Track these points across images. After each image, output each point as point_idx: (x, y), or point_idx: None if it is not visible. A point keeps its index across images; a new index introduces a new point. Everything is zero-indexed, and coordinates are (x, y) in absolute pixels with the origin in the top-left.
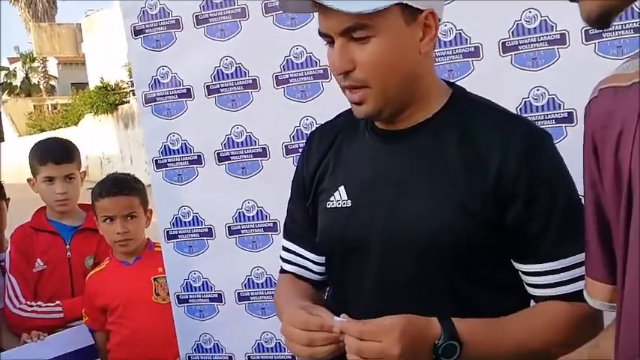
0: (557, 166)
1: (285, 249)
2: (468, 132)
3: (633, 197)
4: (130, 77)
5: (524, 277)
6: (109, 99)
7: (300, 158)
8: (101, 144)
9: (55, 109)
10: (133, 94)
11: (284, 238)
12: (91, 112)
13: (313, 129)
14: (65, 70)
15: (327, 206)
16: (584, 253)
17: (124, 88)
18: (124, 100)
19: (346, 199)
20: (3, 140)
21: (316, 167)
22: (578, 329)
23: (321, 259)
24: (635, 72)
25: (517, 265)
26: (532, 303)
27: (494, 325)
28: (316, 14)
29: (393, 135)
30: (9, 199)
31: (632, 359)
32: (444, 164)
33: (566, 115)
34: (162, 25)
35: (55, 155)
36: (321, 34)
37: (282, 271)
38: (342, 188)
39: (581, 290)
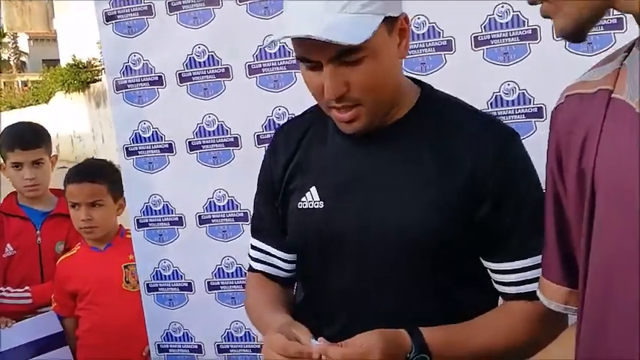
0: (526, 164)
1: (253, 247)
2: (439, 132)
3: (596, 203)
4: (102, 55)
5: (492, 275)
6: (81, 77)
7: (267, 155)
8: (72, 122)
9: (26, 86)
10: (105, 72)
11: (252, 236)
12: (62, 90)
13: (283, 121)
14: (36, 46)
15: (299, 206)
16: None
17: (96, 66)
18: (96, 78)
19: (318, 199)
20: None
21: (285, 166)
22: (543, 327)
23: (291, 256)
24: (601, 79)
25: (486, 263)
26: (500, 301)
27: (461, 332)
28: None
29: (365, 136)
30: None
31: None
32: (416, 164)
33: (535, 110)
34: (134, 12)
35: (23, 141)
36: (302, 59)
37: (251, 269)
38: (313, 189)
39: None
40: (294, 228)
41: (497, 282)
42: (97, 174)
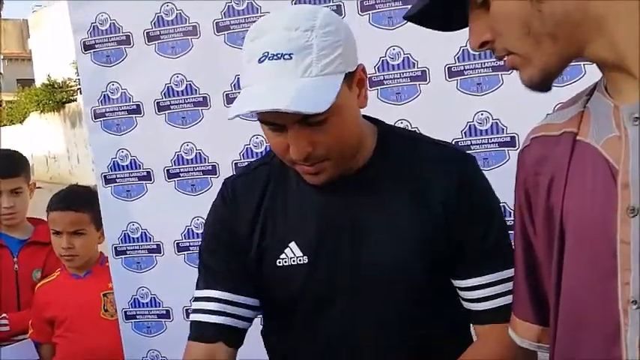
0: (486, 185)
1: (207, 299)
2: (403, 169)
3: (565, 241)
4: (77, 75)
5: (462, 294)
6: (56, 97)
7: (223, 211)
8: (47, 142)
9: (0, 105)
10: (80, 92)
11: (204, 288)
12: (37, 110)
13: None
14: (11, 65)
15: (278, 264)
16: None
17: (71, 86)
18: (71, 98)
19: (301, 255)
20: None
21: (251, 226)
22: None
23: (252, 301)
24: (565, 122)
25: (456, 282)
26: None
27: None
28: None
29: (334, 185)
30: None
31: None
32: (388, 205)
33: (508, 139)
34: (112, 41)
35: (1, 169)
36: (265, 122)
37: (197, 327)
38: (293, 244)
39: None
40: (277, 285)
41: (467, 299)
42: (81, 203)
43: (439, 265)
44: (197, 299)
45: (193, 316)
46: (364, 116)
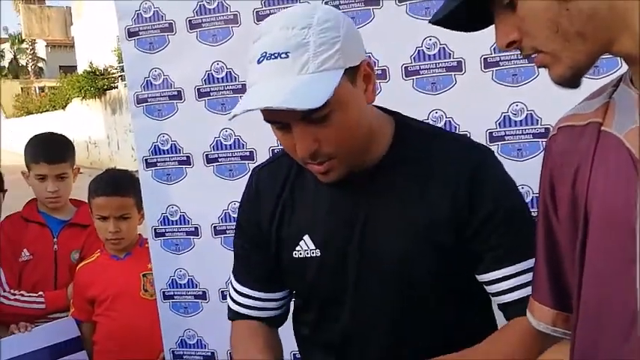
0: (504, 184)
1: (240, 293)
2: (418, 164)
3: (589, 229)
4: (119, 62)
5: (489, 288)
6: (98, 84)
7: (249, 201)
8: (88, 128)
9: (43, 91)
10: (122, 80)
11: (237, 282)
12: (78, 97)
13: (256, 168)
14: (54, 52)
15: (294, 255)
16: None
17: (112, 74)
18: (112, 85)
19: (314, 247)
20: None
21: (272, 215)
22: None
23: (281, 294)
24: (591, 112)
25: (480, 277)
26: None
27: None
28: None
29: (349, 179)
30: (6, 190)
31: None
32: (404, 201)
33: (543, 130)
34: (155, 28)
35: (48, 154)
36: (270, 121)
37: (235, 315)
38: (307, 237)
39: None
40: (295, 276)
41: (494, 294)
42: (126, 187)
43: (447, 268)
44: (232, 285)
45: (230, 303)
46: (381, 108)
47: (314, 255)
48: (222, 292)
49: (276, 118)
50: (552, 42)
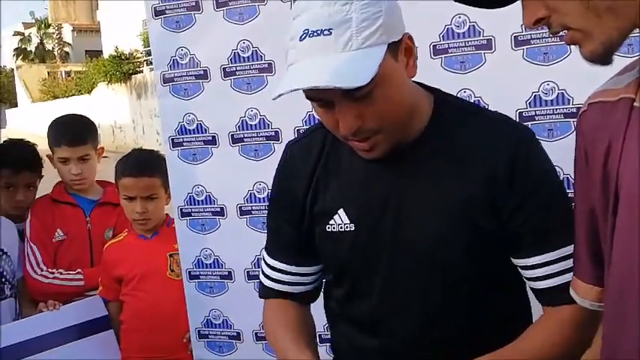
0: (544, 165)
1: (272, 268)
2: (457, 143)
3: (618, 208)
4: (145, 47)
5: (525, 272)
6: (123, 68)
7: (283, 175)
8: (113, 113)
9: (69, 76)
10: (147, 64)
11: (270, 257)
12: (104, 81)
13: (290, 143)
14: (80, 37)
15: (327, 229)
16: None
17: (138, 58)
18: (138, 69)
19: (348, 222)
20: (16, 106)
21: (306, 189)
22: (581, 335)
23: (314, 269)
24: (622, 88)
25: (517, 261)
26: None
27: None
28: None
29: (386, 155)
30: (42, 176)
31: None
32: (439, 180)
33: (574, 110)
34: (182, 7)
35: (69, 137)
36: (312, 99)
37: (268, 292)
38: (341, 211)
39: None
40: (326, 251)
41: (529, 278)
42: (153, 168)
43: (483, 248)
44: (264, 261)
45: (262, 279)
46: (420, 84)
47: (348, 229)
48: (247, 272)
49: (319, 95)
50: (583, 18)
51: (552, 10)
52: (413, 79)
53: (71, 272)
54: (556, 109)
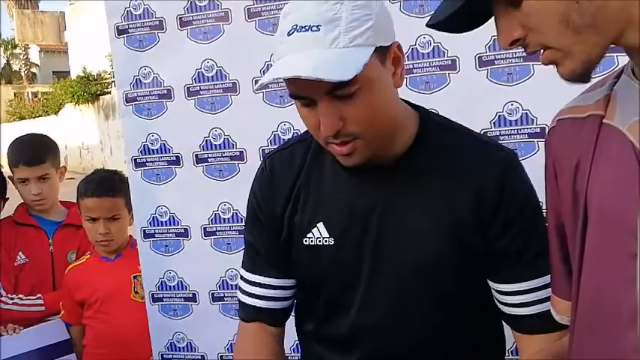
0: (529, 188)
1: (251, 283)
2: (442, 162)
3: (587, 226)
4: (112, 67)
5: (500, 297)
6: (91, 89)
7: (261, 186)
8: (81, 134)
9: (36, 97)
10: (115, 85)
11: (248, 271)
12: (71, 102)
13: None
14: (47, 57)
15: (304, 242)
16: None
17: (105, 79)
18: (106, 90)
19: (328, 236)
20: None
21: (286, 201)
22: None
23: (291, 282)
24: (592, 104)
25: (494, 285)
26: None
27: None
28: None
29: (370, 171)
30: (8, 198)
31: None
32: (423, 197)
33: (538, 130)
34: (145, 26)
35: (27, 157)
36: (295, 96)
37: (247, 311)
38: (321, 225)
39: None
40: (304, 264)
41: (505, 304)
42: (116, 188)
43: (468, 268)
44: (242, 278)
45: (241, 297)
46: (407, 102)
47: (327, 243)
48: (212, 294)
49: (302, 92)
50: (563, 36)
51: (529, 29)
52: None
53: (31, 297)
54: (520, 129)
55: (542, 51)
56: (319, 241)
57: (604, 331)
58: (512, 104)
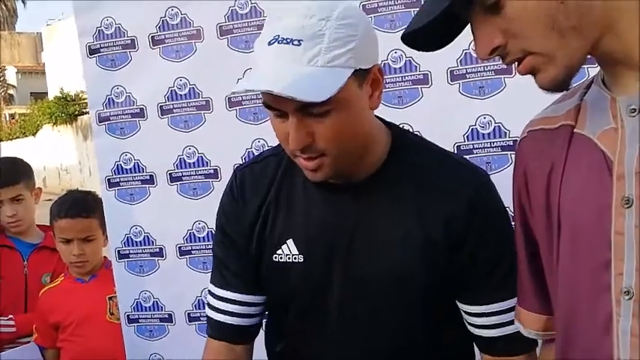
0: (501, 209)
1: (219, 298)
2: (413, 182)
3: (561, 233)
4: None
5: (468, 318)
6: (69, 109)
7: (232, 201)
8: (60, 155)
9: (13, 118)
10: None
11: (217, 287)
12: (49, 123)
13: (240, 167)
14: (24, 79)
15: (274, 259)
16: None
17: (84, 99)
18: (84, 110)
19: (297, 253)
20: None
21: (256, 216)
22: None
23: (260, 298)
24: (562, 115)
25: (462, 306)
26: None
27: None
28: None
29: (342, 187)
30: None
31: None
32: (394, 215)
33: (511, 143)
34: (117, 45)
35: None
36: (268, 106)
37: (216, 328)
38: (290, 242)
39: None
40: (273, 281)
41: (472, 325)
42: (89, 209)
43: (438, 286)
44: (211, 294)
45: (209, 312)
46: (380, 119)
47: (296, 260)
48: (188, 314)
49: (275, 104)
50: (548, 39)
51: (511, 35)
52: None
53: (3, 318)
54: (493, 142)
55: (515, 64)
56: (289, 258)
57: (580, 339)
58: (484, 117)
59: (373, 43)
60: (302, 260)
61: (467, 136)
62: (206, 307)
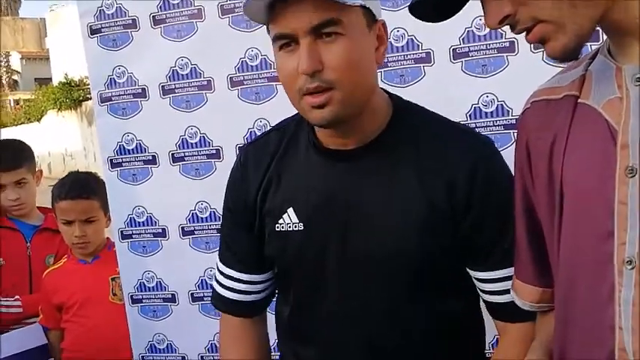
0: (502, 175)
1: (224, 275)
2: (416, 148)
3: (564, 203)
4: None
5: (478, 284)
6: (73, 95)
7: (237, 177)
8: (64, 140)
9: (18, 104)
10: None
11: (222, 263)
12: (54, 108)
13: (246, 145)
14: (29, 64)
15: (277, 229)
16: None
17: (88, 84)
18: (88, 96)
19: (297, 221)
20: None
21: (257, 189)
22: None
23: (265, 276)
24: (566, 85)
25: (472, 273)
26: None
27: None
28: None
29: (343, 154)
30: None
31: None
32: (396, 183)
33: (514, 121)
34: (118, 25)
35: (2, 162)
36: (279, 36)
37: (221, 300)
38: (290, 210)
39: None
40: (275, 251)
41: (483, 291)
42: (90, 190)
43: (438, 256)
44: (219, 270)
45: (217, 288)
46: (384, 90)
47: (296, 229)
48: (191, 294)
49: (286, 28)
50: (558, 7)
51: (520, 3)
52: None
53: (9, 299)
54: (496, 121)
55: (525, 33)
56: (289, 227)
57: (581, 308)
58: (487, 96)
59: (378, 2)
60: (302, 228)
61: (470, 115)
62: (215, 284)
